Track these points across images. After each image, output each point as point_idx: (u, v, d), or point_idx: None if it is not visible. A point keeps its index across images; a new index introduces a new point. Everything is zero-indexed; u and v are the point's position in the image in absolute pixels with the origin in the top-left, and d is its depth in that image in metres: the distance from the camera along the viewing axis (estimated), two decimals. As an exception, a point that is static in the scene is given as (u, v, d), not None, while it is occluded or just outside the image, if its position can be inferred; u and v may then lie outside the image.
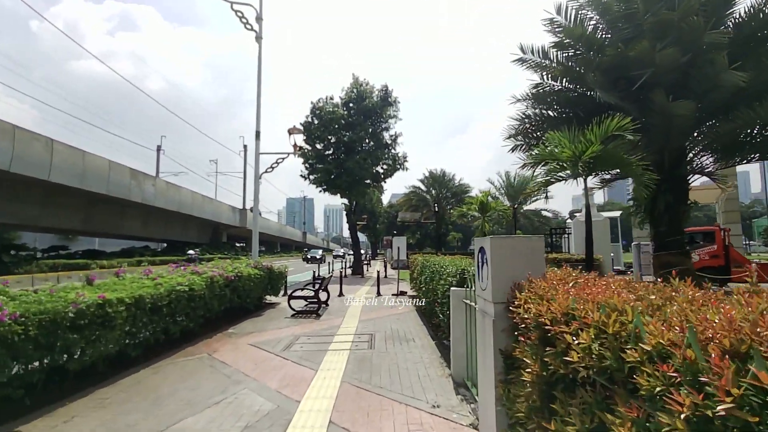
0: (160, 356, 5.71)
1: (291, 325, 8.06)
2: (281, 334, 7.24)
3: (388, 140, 24.25)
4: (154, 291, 5.49)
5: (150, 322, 5.43)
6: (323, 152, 23.66)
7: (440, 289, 5.93)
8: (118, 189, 26.11)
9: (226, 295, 7.79)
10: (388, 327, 7.78)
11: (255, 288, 9.36)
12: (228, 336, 7.11)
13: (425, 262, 9.33)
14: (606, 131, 5.96)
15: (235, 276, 8.17)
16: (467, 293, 4.36)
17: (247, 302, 9.01)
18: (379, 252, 67.11)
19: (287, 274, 13.34)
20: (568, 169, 6.45)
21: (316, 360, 5.47)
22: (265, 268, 10.31)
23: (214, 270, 7.71)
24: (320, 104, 23.58)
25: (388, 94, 24.11)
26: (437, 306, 6.23)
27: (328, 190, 23.91)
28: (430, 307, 7.55)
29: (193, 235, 43.09)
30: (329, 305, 10.81)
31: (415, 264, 11.65)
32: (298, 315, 9.24)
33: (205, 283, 6.93)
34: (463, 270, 4.88)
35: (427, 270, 8.14)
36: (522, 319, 2.33)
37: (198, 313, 6.76)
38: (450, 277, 5.26)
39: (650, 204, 7.37)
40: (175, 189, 34.23)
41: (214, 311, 7.48)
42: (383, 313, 9.59)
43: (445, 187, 37.90)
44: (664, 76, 6.16)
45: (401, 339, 6.73)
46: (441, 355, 5.59)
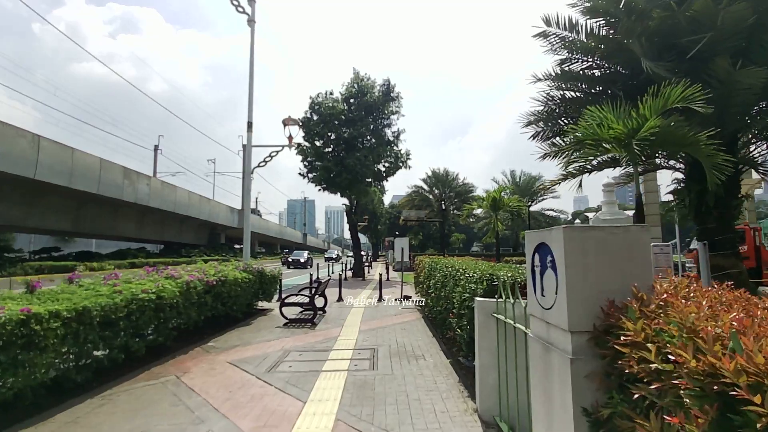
0: (118, 379, 4.69)
1: (282, 337, 7.04)
2: (269, 348, 6.22)
3: (390, 137, 23.25)
4: (108, 301, 4.47)
5: (101, 340, 4.41)
6: (322, 149, 22.66)
7: (456, 297, 4.91)
8: (109, 188, 25.11)
9: (206, 302, 6.78)
10: (392, 339, 6.75)
11: (243, 294, 8.34)
12: (206, 351, 6.09)
13: (433, 264, 8.30)
14: (666, 103, 4.90)
15: (217, 281, 7.15)
16: (500, 307, 3.34)
17: (233, 310, 7.99)
18: (380, 254, 66.09)
19: (282, 278, 12.32)
20: (614, 151, 5.37)
21: (306, 386, 4.44)
22: (255, 271, 9.30)
23: (193, 274, 6.70)
24: (319, 99, 22.60)
25: (390, 88, 23.12)
26: (453, 317, 5.21)
27: (328, 189, 22.91)
28: (441, 316, 6.53)
29: (190, 236, 42.09)
30: (327, 312, 9.80)
31: (421, 266, 10.62)
32: (291, 324, 8.22)
33: (179, 290, 5.91)
34: (491, 276, 3.86)
35: (437, 274, 7.11)
36: (634, 362, 1.32)
37: (169, 325, 5.75)
38: (472, 284, 4.23)
39: (696, 198, 6.35)
40: (170, 189, 33.24)
41: (191, 322, 6.47)
42: (386, 321, 8.56)
43: (448, 187, 36.90)
44: (725, 42, 5.15)
45: (409, 356, 5.70)
46: (460, 380, 4.55)
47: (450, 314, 5.42)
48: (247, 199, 11.47)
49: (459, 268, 5.54)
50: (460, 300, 4.76)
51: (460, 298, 4.76)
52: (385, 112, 22.84)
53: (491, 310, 3.47)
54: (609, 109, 5.02)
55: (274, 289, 10.51)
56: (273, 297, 10.51)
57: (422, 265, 10.48)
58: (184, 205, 34.90)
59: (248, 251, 11.20)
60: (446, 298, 6.00)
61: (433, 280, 7.62)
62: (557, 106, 7.44)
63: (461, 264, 5.95)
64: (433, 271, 7.90)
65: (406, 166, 23.57)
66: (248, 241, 11.28)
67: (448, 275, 6.05)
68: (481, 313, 3.55)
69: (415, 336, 7.00)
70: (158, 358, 5.54)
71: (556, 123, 7.65)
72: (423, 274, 9.60)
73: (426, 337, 6.94)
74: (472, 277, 4.39)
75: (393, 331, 7.51)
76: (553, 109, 7.51)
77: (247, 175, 11.37)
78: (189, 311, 6.25)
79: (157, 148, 48.34)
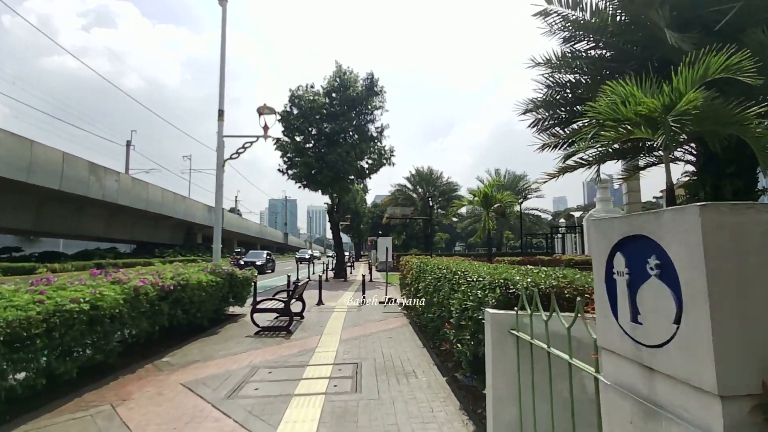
0: (38, 410, 3.75)
1: (251, 349, 6.14)
2: (234, 364, 5.32)
3: (373, 132, 22.42)
4: (19, 314, 3.52)
5: (10, 363, 3.46)
6: (303, 145, 21.66)
7: (455, 305, 4.14)
8: (73, 185, 23.46)
9: (162, 310, 5.83)
10: (378, 351, 5.95)
11: (209, 299, 7.40)
12: (159, 369, 5.16)
13: (423, 265, 7.54)
14: (705, 74, 4.21)
15: (176, 285, 6.21)
16: (521, 322, 2.59)
17: (197, 318, 7.05)
18: (362, 253, 65.21)
19: (257, 279, 11.36)
20: (642, 134, 4.64)
21: (273, 417, 3.59)
22: (224, 273, 8.35)
23: (146, 278, 5.74)
24: (299, 92, 21.60)
25: (374, 82, 22.29)
26: (449, 328, 4.45)
27: (309, 186, 21.92)
28: (433, 324, 5.76)
29: (165, 236, 40.30)
30: (305, 317, 8.93)
31: (408, 267, 9.84)
32: (264, 333, 7.32)
33: (125, 297, 4.97)
34: (506, 281, 3.08)
35: (428, 276, 6.34)
36: None
37: (111, 340, 4.80)
38: (478, 291, 3.46)
39: (712, 192, 5.77)
40: (142, 186, 31.57)
41: (143, 334, 5.52)
42: (370, 328, 7.76)
43: (432, 186, 36.31)
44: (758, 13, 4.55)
45: (398, 372, 4.90)
46: (461, 407, 3.78)
47: (446, 324, 4.65)
48: (219, 194, 10.47)
49: (456, 270, 4.77)
50: (459, 308, 3.99)
51: (460, 306, 4.00)
52: (368, 107, 22.01)
53: (509, 325, 2.71)
54: (633, 84, 4.33)
55: (247, 293, 9.57)
56: (246, 301, 9.57)
57: (409, 266, 9.71)
58: (157, 203, 33.25)
59: (218, 251, 10.21)
60: (440, 304, 5.23)
61: (422, 282, 6.85)
62: (561, 89, 6.75)
63: (457, 265, 5.19)
64: (423, 273, 7.14)
65: (389, 162, 22.78)
66: (219, 239, 10.29)
67: (443, 278, 5.29)
68: (494, 328, 2.78)
69: (403, 346, 6.21)
70: (97, 380, 4.59)
71: (558, 110, 6.99)
72: (410, 275, 8.83)
73: (416, 347, 6.16)
74: (478, 282, 3.62)
75: (378, 340, 6.71)
76: (556, 94, 6.81)
77: (219, 167, 10.38)
78: (138, 322, 5.31)
79: (129, 143, 46.25)
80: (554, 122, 7.08)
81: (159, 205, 33.57)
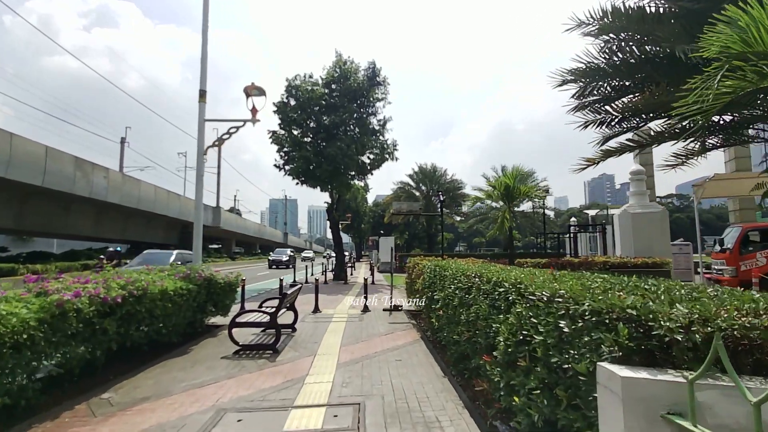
0: None
1: (223, 377, 4.80)
2: (194, 405, 3.97)
3: (375, 126, 21.04)
4: None
5: None
6: (300, 138, 20.29)
7: (504, 332, 2.80)
8: (57, 181, 22.12)
9: (105, 330, 4.48)
10: (386, 382, 4.59)
11: (178, 311, 6.06)
12: (91, 412, 3.81)
13: (439, 270, 6.18)
14: None
15: (127, 295, 4.85)
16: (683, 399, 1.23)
17: (162, 334, 5.71)
18: (363, 253, 63.85)
19: (243, 284, 10.02)
20: None
21: None
22: (201, 278, 7.00)
23: (80, 289, 4.37)
24: (297, 82, 20.24)
25: (376, 72, 20.92)
26: (488, 361, 3.11)
27: (307, 182, 20.55)
28: (459, 348, 4.41)
29: (159, 235, 38.96)
30: (296, 330, 7.60)
31: (417, 271, 8.49)
32: (245, 352, 5.99)
33: (42, 316, 3.62)
34: (638, 314, 1.68)
35: (451, 285, 4.97)
36: None
37: (16, 377, 3.45)
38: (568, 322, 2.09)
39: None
40: (133, 183, 30.21)
41: (75, 362, 4.18)
42: (375, 345, 6.41)
43: (436, 183, 34.92)
44: None
45: (416, 420, 3.54)
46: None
47: (484, 356, 3.30)
48: (200, 185, 9.12)
49: (499, 279, 3.41)
50: (513, 340, 2.65)
51: (514, 335, 2.65)
52: (370, 99, 20.62)
53: (664, 403, 1.36)
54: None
55: (231, 300, 8.21)
56: (231, 310, 8.21)
57: (418, 270, 8.35)
58: (149, 201, 31.89)
59: (199, 251, 8.87)
60: (470, 324, 3.89)
61: (440, 291, 5.50)
62: (610, 57, 5.28)
63: (498, 273, 3.83)
64: (440, 279, 5.78)
65: (392, 157, 21.40)
66: (199, 236, 8.95)
67: (475, 289, 3.93)
68: (632, 407, 1.43)
69: (417, 374, 4.86)
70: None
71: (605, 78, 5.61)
72: (421, 281, 7.47)
73: (434, 376, 4.80)
74: (553, 305, 2.25)
75: (386, 363, 5.35)
76: (608, 57, 5.35)
77: (199, 154, 9.04)
78: (67, 348, 3.97)
79: (123, 140, 45.11)
80: (610, 91, 5.66)
81: (152, 203, 32.21)
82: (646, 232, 10.99)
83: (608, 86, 5.77)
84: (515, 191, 10.26)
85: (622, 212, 11.51)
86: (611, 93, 5.94)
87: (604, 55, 5.33)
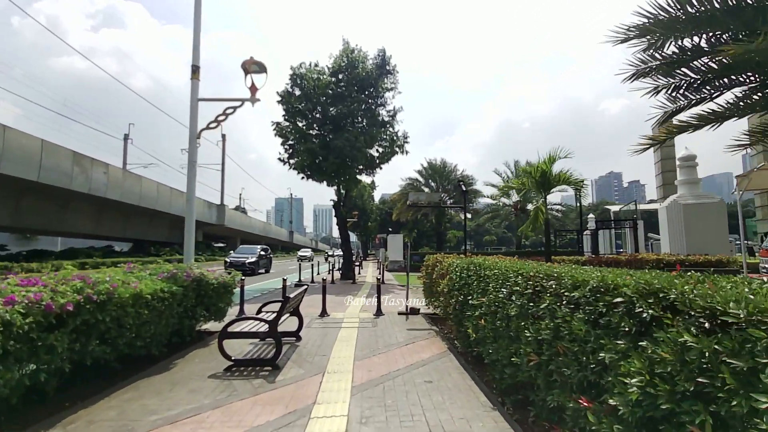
0: None
1: (205, 408, 3.71)
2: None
3: (385, 117, 19.92)
4: None
5: None
6: (306, 130, 19.23)
7: (635, 368, 1.68)
8: (54, 176, 21.26)
9: (51, 347, 3.42)
10: (419, 416, 3.48)
11: (158, 318, 5.00)
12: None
13: (475, 269, 5.06)
14: None
15: (83, 301, 3.78)
16: None
17: (137, 347, 4.65)
18: (369, 252, 62.78)
19: (242, 284, 8.99)
20: None
21: None
22: (189, 278, 5.94)
23: (20, 293, 3.33)
24: (302, 71, 19.15)
25: (386, 60, 19.80)
26: (605, 413, 1.99)
27: (312, 176, 19.49)
28: (517, 375, 3.29)
29: (162, 233, 38.17)
30: (302, 338, 6.53)
31: (440, 270, 7.36)
32: (238, 369, 4.92)
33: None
34: None
35: (500, 288, 3.84)
36: None
37: None
38: None
39: None
40: (134, 179, 29.35)
41: (6, 390, 3.13)
42: (396, 360, 5.31)
43: (446, 179, 33.72)
44: None
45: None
46: None
47: (582, 400, 2.18)
48: (192, 173, 8.08)
49: (602, 283, 2.29)
50: (664, 386, 1.53)
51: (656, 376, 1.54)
52: (379, 89, 19.49)
53: None
54: None
55: (226, 303, 7.14)
56: (226, 314, 7.15)
57: (441, 269, 7.24)
58: (151, 198, 31.05)
59: (191, 249, 7.83)
60: (548, 345, 2.77)
61: (483, 296, 4.38)
62: None
63: (578, 273, 2.70)
64: (478, 279, 4.66)
65: (402, 150, 20.27)
66: (191, 232, 7.91)
67: (548, 296, 2.81)
68: None
69: (456, 404, 3.75)
70: None
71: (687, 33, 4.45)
72: (447, 281, 6.34)
73: (479, 406, 3.69)
74: None
75: (413, 387, 4.25)
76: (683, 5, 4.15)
77: (192, 139, 8.00)
78: None
79: (126, 137, 44.37)
80: (680, 52, 4.50)
81: (154, 200, 31.37)
82: (700, 225, 9.70)
83: (683, 43, 4.61)
84: (553, 178, 9.07)
85: (670, 204, 10.22)
86: (682, 55, 4.78)
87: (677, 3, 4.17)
